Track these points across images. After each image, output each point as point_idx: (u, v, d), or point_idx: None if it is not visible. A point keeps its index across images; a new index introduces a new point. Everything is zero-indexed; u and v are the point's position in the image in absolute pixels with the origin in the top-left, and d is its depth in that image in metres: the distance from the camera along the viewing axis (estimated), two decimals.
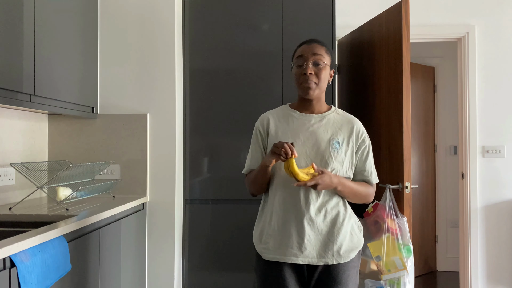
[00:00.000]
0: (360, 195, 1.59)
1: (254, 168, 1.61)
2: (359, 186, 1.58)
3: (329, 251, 1.50)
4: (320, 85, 1.55)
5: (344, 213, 1.55)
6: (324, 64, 1.55)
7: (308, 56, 1.54)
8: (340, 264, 1.52)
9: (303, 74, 1.54)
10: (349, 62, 2.78)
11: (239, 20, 2.70)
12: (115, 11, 2.60)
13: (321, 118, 1.59)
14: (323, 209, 1.51)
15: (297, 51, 1.60)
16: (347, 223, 1.55)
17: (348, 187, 1.52)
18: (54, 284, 1.51)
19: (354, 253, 1.55)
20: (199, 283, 2.67)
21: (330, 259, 1.50)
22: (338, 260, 1.51)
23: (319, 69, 1.54)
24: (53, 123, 2.60)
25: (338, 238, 1.51)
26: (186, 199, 2.69)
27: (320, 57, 1.54)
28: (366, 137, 1.62)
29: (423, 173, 4.06)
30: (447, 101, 4.15)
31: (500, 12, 3.15)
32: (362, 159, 1.60)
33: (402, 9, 2.17)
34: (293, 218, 1.50)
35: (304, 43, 1.59)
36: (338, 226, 1.52)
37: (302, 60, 1.55)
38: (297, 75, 1.57)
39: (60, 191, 2.07)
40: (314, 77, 1.53)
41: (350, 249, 1.54)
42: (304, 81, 1.54)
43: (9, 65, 1.76)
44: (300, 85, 1.56)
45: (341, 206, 1.55)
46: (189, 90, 2.70)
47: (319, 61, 1.54)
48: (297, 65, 1.57)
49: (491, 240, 3.13)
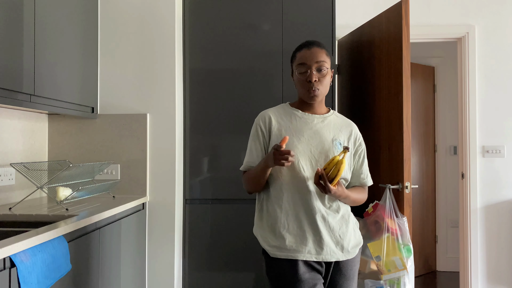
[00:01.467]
0: (358, 203, 1.66)
1: (253, 165, 1.60)
2: (359, 195, 1.64)
3: (340, 247, 1.54)
4: (323, 90, 1.58)
5: (349, 210, 1.63)
6: (327, 69, 1.57)
7: (311, 63, 1.54)
8: (349, 260, 1.57)
9: (308, 82, 1.54)
10: (349, 62, 2.78)
11: (239, 20, 2.70)
12: (115, 11, 2.60)
13: (323, 119, 1.62)
14: (332, 206, 1.55)
15: (298, 56, 1.59)
16: (351, 220, 1.61)
17: (351, 198, 1.58)
18: (54, 284, 1.51)
19: (357, 249, 1.61)
20: (199, 283, 2.67)
21: (341, 255, 1.54)
22: (347, 256, 1.56)
23: (323, 75, 1.56)
24: (53, 123, 2.60)
25: (346, 234, 1.56)
26: (186, 199, 2.69)
27: (323, 63, 1.55)
28: (362, 141, 1.68)
29: (423, 173, 4.06)
30: (447, 101, 4.15)
31: (500, 12, 3.15)
32: (359, 162, 1.66)
33: (402, 9, 2.17)
34: (305, 216, 1.52)
35: (304, 47, 1.59)
36: (345, 222, 1.57)
37: (305, 68, 1.55)
38: (300, 81, 1.57)
39: (60, 191, 2.07)
40: (318, 84, 1.55)
41: (355, 245, 1.60)
42: (310, 88, 1.55)
43: (9, 65, 1.76)
44: (306, 92, 1.57)
45: (344, 204, 1.61)
46: (189, 90, 2.70)
47: (322, 67, 1.55)
48: (300, 72, 1.57)
49: (491, 240, 3.13)
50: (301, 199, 1.52)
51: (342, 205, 1.58)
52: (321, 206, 1.52)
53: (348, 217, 1.59)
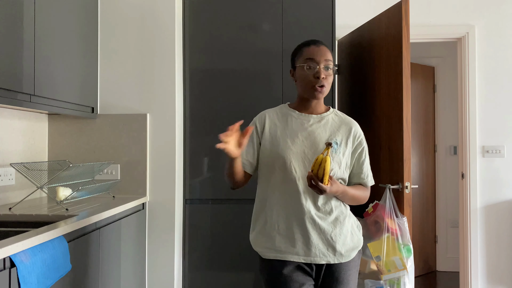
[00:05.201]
0: (358, 200, 1.62)
1: (244, 161, 1.59)
2: (358, 191, 1.60)
3: (332, 250, 1.51)
4: (327, 88, 1.57)
5: (345, 213, 1.57)
6: (332, 69, 1.57)
7: (321, 60, 1.53)
8: (342, 263, 1.53)
9: (316, 78, 1.53)
10: (349, 62, 2.78)
11: (239, 20, 2.70)
12: (115, 11, 2.60)
13: (320, 118, 1.60)
14: (324, 208, 1.52)
15: (305, 51, 1.57)
16: (347, 222, 1.56)
17: (349, 194, 1.54)
18: (54, 284, 1.51)
19: (355, 252, 1.57)
20: (199, 283, 2.67)
21: (332, 258, 1.51)
22: (340, 259, 1.52)
23: (329, 73, 1.56)
24: (53, 123, 2.60)
25: (340, 237, 1.52)
26: (186, 199, 2.69)
27: (330, 62, 1.55)
28: (363, 140, 1.63)
29: (423, 173, 4.06)
30: (447, 101, 4.15)
31: (500, 12, 3.15)
32: (359, 161, 1.62)
33: (402, 9, 2.17)
34: (295, 217, 1.51)
35: (312, 44, 1.58)
36: (339, 225, 1.53)
37: (314, 63, 1.54)
38: (306, 77, 1.55)
39: (60, 191, 2.07)
40: (325, 81, 1.54)
41: (351, 248, 1.55)
42: (316, 83, 1.53)
43: (9, 65, 1.76)
44: (311, 88, 1.55)
45: (341, 206, 1.57)
46: (189, 90, 2.70)
47: (329, 66, 1.55)
48: (307, 67, 1.55)
49: (491, 240, 3.13)
50: (291, 200, 1.51)
51: (336, 207, 1.54)
52: (312, 208, 1.50)
53: (344, 219, 1.55)
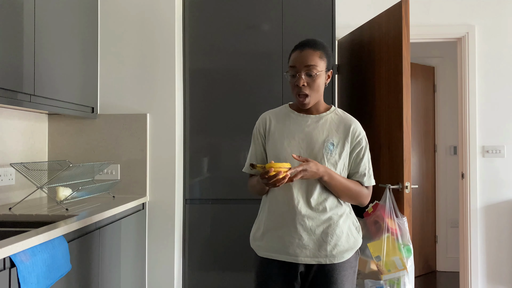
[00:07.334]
0: (350, 192, 1.54)
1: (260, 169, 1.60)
2: (349, 182, 1.54)
3: (323, 250, 1.50)
4: (313, 94, 1.53)
5: (340, 214, 1.54)
6: (318, 73, 1.51)
7: (301, 67, 1.50)
8: (335, 264, 1.51)
9: (296, 86, 1.52)
10: (349, 62, 2.78)
11: (239, 20, 2.70)
12: (115, 11, 2.60)
13: (318, 119, 1.58)
14: (317, 209, 1.51)
15: (291, 58, 1.56)
16: (343, 223, 1.53)
17: (336, 179, 1.49)
18: (54, 284, 1.51)
19: (350, 253, 1.54)
20: (199, 283, 2.67)
21: (323, 259, 1.50)
22: (331, 260, 1.51)
23: (313, 79, 1.51)
24: (53, 123, 2.60)
25: (332, 238, 1.50)
26: (186, 199, 2.69)
27: (313, 67, 1.49)
28: (363, 139, 1.59)
29: (423, 173, 4.06)
30: (447, 101, 4.15)
31: (500, 12, 3.15)
32: (356, 160, 1.58)
33: (402, 9, 2.17)
34: (287, 218, 1.52)
35: (297, 49, 1.55)
36: (332, 226, 1.51)
37: (294, 71, 1.52)
38: (291, 84, 1.56)
39: (60, 191, 2.07)
40: (307, 88, 1.51)
41: (345, 250, 1.52)
42: (297, 92, 1.53)
43: (9, 65, 1.76)
44: (296, 96, 1.55)
45: (337, 207, 1.54)
46: (189, 90, 2.70)
47: (311, 72, 1.50)
48: (290, 74, 1.54)
49: (491, 240, 3.13)
50: (284, 200, 1.52)
51: (331, 208, 1.52)
52: (303, 208, 1.50)
53: (338, 220, 1.52)
